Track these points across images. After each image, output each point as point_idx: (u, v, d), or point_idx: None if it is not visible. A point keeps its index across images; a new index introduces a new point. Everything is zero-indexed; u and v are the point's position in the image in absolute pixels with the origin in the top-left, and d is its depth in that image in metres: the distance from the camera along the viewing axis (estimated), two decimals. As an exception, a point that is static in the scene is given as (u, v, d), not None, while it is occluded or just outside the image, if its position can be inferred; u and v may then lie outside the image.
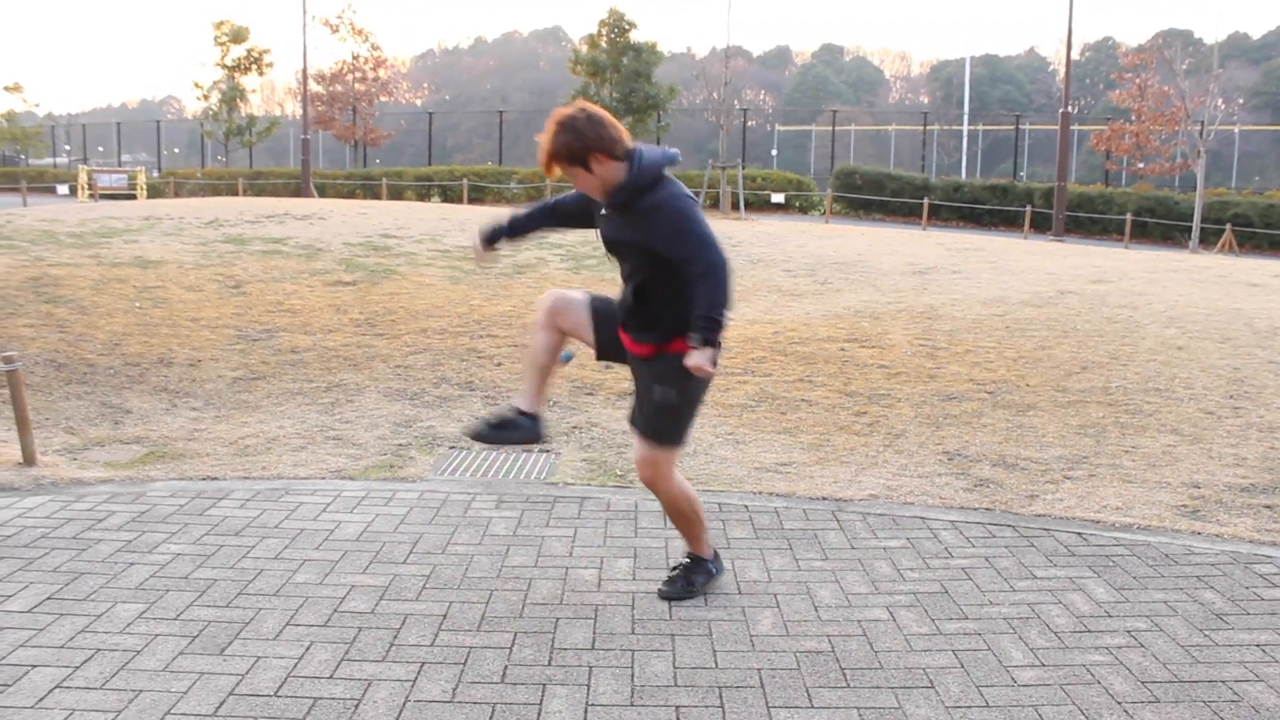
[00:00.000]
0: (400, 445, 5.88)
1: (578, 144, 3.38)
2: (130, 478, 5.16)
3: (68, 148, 62.22)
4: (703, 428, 6.19)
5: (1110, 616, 3.69)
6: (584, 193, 3.56)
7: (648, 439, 3.61)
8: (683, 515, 3.73)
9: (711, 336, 3.28)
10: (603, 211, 3.56)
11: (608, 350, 3.72)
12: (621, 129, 3.47)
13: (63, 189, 38.56)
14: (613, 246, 3.59)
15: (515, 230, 3.83)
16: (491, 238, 3.82)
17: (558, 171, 3.47)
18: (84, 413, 6.47)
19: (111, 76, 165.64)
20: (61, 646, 3.28)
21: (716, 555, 3.90)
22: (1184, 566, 4.19)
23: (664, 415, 3.56)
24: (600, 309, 3.69)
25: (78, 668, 3.15)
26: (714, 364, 3.32)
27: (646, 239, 3.42)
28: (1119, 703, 3.08)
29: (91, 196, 34.37)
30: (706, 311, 3.29)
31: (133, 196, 34.70)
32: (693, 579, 3.80)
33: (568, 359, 3.81)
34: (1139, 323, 9.94)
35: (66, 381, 7.08)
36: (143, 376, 7.29)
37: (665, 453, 3.61)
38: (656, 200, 3.40)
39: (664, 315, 3.49)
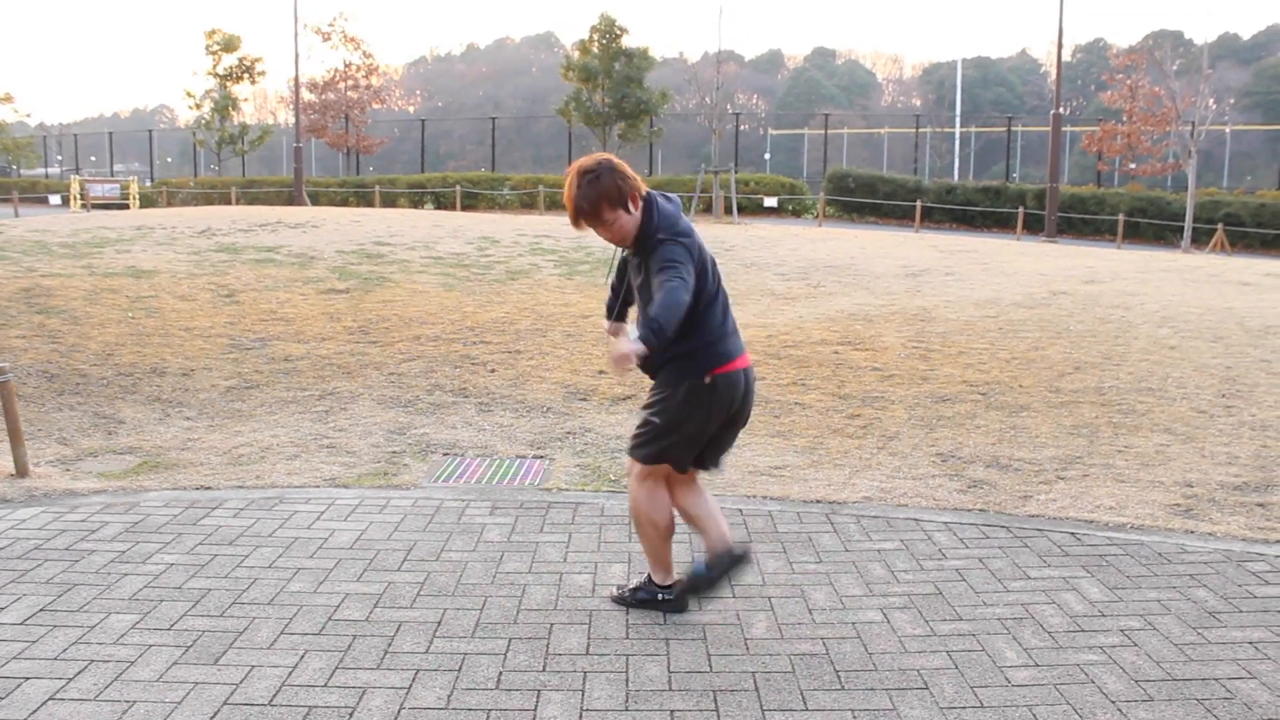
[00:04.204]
0: (394, 453, 5.88)
1: (624, 184, 3.43)
2: (123, 488, 5.15)
3: (60, 158, 62.15)
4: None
5: (1104, 616, 3.70)
6: (614, 243, 3.55)
7: (631, 448, 3.66)
8: (640, 529, 3.72)
9: (649, 339, 3.24)
10: (629, 258, 3.62)
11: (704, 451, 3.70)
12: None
13: (55, 199, 38.47)
14: (638, 290, 3.60)
15: (615, 316, 3.84)
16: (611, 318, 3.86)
17: (588, 225, 3.46)
18: (77, 423, 6.46)
19: (103, 86, 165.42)
20: (55, 658, 3.28)
21: (675, 587, 3.74)
22: (1177, 565, 4.20)
23: (643, 430, 3.59)
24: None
25: (71, 679, 3.14)
26: (630, 364, 3.27)
27: (648, 270, 3.45)
28: (1113, 701, 3.08)
29: (84, 206, 34.33)
30: (656, 317, 3.25)
31: (125, 206, 34.67)
32: (638, 592, 3.77)
33: None
34: (1131, 323, 9.96)
35: (59, 392, 7.07)
36: (136, 386, 7.28)
37: (639, 465, 3.62)
38: (664, 237, 3.45)
39: (669, 355, 3.50)
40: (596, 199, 3.42)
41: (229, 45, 43.98)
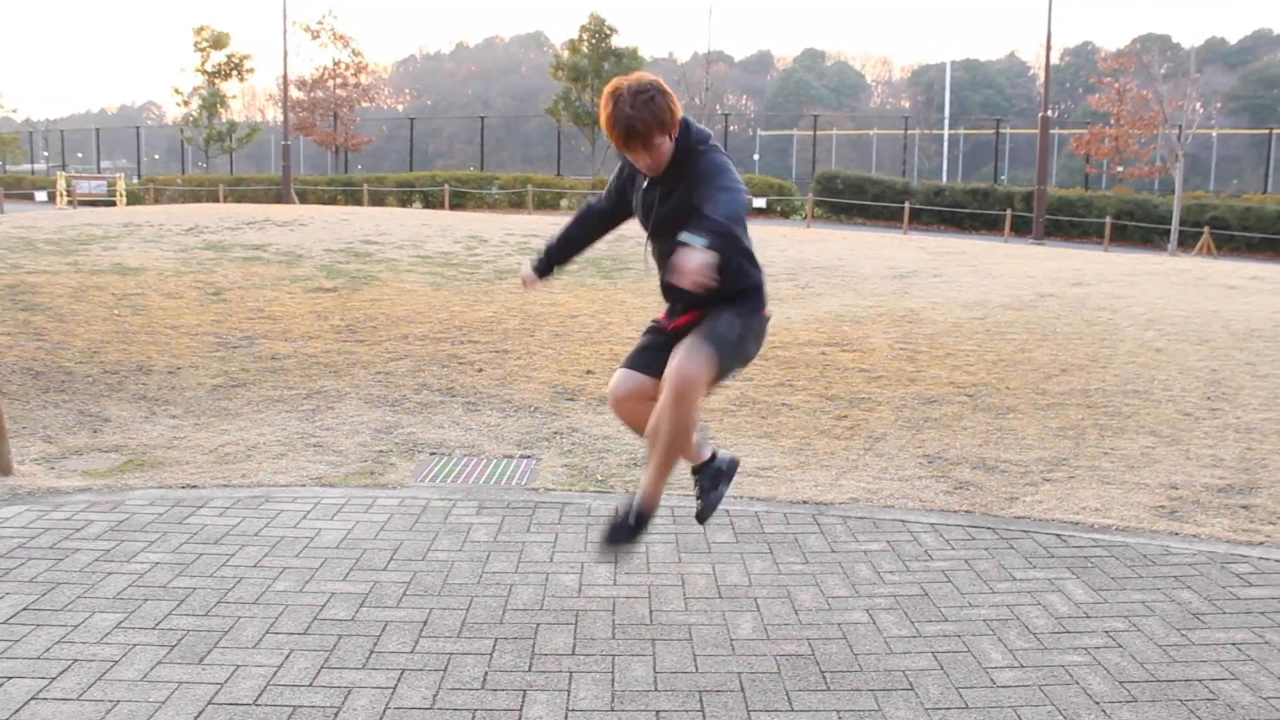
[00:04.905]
0: (381, 452, 5.86)
1: (676, 110, 3.26)
2: (108, 486, 5.13)
3: (46, 154, 61.85)
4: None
5: (1089, 617, 3.71)
6: (647, 170, 3.35)
7: (705, 348, 3.30)
8: (682, 442, 3.40)
9: (716, 242, 2.93)
10: (646, 186, 3.42)
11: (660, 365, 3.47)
12: None
13: (41, 196, 38.32)
14: (660, 221, 3.42)
15: (556, 256, 3.69)
16: (541, 269, 3.71)
17: (635, 148, 3.25)
18: (62, 421, 6.43)
19: (90, 82, 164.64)
20: (38, 657, 3.26)
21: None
22: (1161, 567, 4.22)
23: (724, 338, 3.35)
24: (638, 358, 3.59)
25: (54, 679, 3.12)
26: (710, 274, 2.89)
27: (688, 186, 3.27)
28: (1097, 703, 3.10)
29: (70, 203, 34.17)
30: (717, 216, 3.00)
31: (112, 203, 34.51)
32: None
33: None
34: (1118, 325, 10.00)
35: (44, 390, 7.03)
36: (121, 384, 7.25)
37: (706, 374, 3.30)
38: (704, 151, 3.33)
39: (741, 286, 3.44)
40: (650, 121, 3.18)
41: (218, 42, 43.91)
